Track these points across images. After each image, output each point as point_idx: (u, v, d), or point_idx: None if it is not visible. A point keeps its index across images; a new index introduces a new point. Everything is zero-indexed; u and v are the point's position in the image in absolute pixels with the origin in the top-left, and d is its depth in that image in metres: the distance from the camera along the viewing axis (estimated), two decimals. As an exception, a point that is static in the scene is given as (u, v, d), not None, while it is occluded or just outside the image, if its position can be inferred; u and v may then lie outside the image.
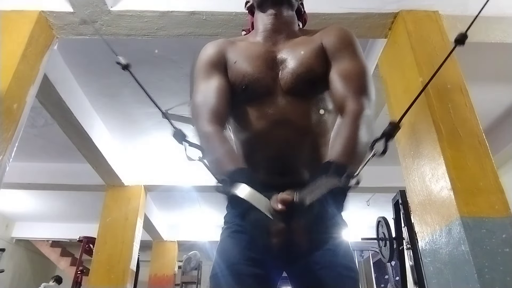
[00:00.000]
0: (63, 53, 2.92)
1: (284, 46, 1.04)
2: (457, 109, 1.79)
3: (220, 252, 0.95)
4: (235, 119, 1.04)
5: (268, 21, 1.07)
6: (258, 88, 0.98)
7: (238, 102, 1.01)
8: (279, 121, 0.96)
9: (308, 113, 0.98)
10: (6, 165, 1.90)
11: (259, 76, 0.98)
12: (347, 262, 0.92)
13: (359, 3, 2.17)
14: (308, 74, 0.97)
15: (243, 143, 1.01)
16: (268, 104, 0.97)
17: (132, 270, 4.29)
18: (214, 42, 1.09)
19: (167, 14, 2.17)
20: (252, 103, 0.99)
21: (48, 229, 7.48)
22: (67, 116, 3.16)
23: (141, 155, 4.60)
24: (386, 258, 3.72)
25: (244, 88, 0.98)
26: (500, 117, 3.86)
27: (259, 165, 0.97)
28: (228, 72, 1.02)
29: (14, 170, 3.07)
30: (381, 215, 3.97)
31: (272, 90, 0.98)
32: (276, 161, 0.96)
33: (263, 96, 0.98)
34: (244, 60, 1.01)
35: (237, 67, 1.01)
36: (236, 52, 1.05)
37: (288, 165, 0.96)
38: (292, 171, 0.96)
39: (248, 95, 0.99)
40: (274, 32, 1.06)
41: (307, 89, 0.99)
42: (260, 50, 1.04)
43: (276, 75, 0.99)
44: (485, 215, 1.52)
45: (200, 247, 7.41)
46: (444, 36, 2.05)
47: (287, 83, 0.97)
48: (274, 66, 1.00)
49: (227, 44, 1.07)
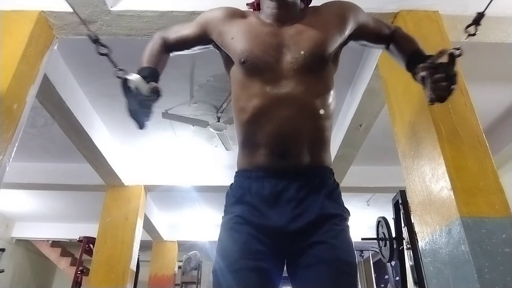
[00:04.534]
0: (63, 53, 2.92)
1: (291, 29, 1.05)
2: (457, 109, 1.79)
3: (222, 246, 0.95)
4: (237, 97, 1.05)
5: (274, 6, 1.08)
6: (258, 64, 0.99)
7: (240, 75, 1.03)
8: (283, 99, 0.96)
9: (314, 93, 0.99)
10: (6, 165, 1.90)
11: (258, 53, 1.00)
12: (346, 257, 0.91)
13: (359, 3, 2.16)
14: (321, 51, 1.01)
15: (244, 123, 1.01)
16: (271, 82, 0.98)
17: (132, 270, 4.29)
18: (222, 11, 1.14)
19: (167, 14, 2.17)
20: (254, 78, 1.00)
21: (48, 229, 7.47)
22: (67, 116, 3.16)
23: (141, 155, 4.61)
24: (386, 258, 3.72)
25: (243, 61, 1.00)
26: (500, 117, 3.86)
27: (260, 145, 0.98)
28: (224, 47, 1.09)
29: (14, 170, 3.07)
30: (381, 215, 3.97)
31: (275, 69, 0.99)
32: (277, 139, 0.96)
33: (265, 73, 0.99)
34: (243, 37, 1.04)
35: (234, 43, 1.05)
36: (237, 27, 1.07)
37: (289, 145, 0.96)
38: (293, 153, 0.96)
39: (248, 68, 1.01)
40: (280, 17, 1.08)
41: (318, 68, 1.01)
42: (264, 29, 1.06)
43: (280, 56, 1.00)
44: (485, 215, 1.52)
45: (200, 247, 7.41)
46: (444, 36, 2.05)
47: (298, 62, 0.99)
48: (278, 47, 1.02)
49: (232, 16, 1.11)
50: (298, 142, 0.96)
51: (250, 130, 1.00)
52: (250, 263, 0.89)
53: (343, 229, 0.95)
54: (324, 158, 1.02)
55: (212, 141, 4.32)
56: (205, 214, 6.63)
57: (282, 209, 0.94)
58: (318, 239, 0.91)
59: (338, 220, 0.96)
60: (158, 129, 4.00)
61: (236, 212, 0.97)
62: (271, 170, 0.96)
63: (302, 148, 0.97)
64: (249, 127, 1.00)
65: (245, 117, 1.00)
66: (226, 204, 1.03)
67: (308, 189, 0.96)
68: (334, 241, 0.91)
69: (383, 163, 4.46)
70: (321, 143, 1.01)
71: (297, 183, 0.95)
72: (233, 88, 1.08)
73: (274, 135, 0.96)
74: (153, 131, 4.04)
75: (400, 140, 2.04)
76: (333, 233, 0.92)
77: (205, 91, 3.46)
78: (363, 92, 2.89)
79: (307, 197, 0.95)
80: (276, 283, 0.93)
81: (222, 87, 3.36)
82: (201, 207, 6.40)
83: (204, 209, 6.47)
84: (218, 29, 1.10)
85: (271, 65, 0.99)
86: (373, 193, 5.58)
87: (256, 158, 0.98)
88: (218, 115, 3.71)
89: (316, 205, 0.94)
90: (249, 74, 1.01)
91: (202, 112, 3.77)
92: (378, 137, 3.70)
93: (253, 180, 0.98)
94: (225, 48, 1.09)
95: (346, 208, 1.01)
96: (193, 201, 6.10)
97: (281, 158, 0.96)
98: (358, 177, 4.52)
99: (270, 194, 0.95)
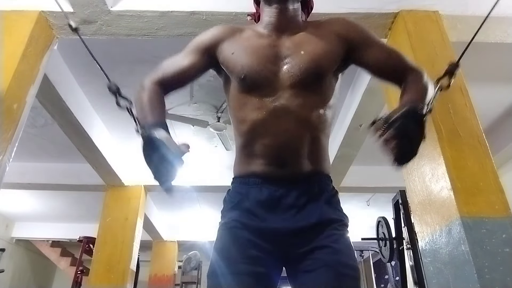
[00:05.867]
0: (63, 53, 2.92)
1: (289, 40, 1.05)
2: (457, 109, 1.79)
3: (218, 251, 0.94)
4: (236, 110, 1.04)
5: (273, 15, 1.07)
6: (257, 79, 0.99)
7: (238, 91, 1.03)
8: (280, 112, 0.96)
9: (310, 106, 0.99)
10: (6, 165, 1.90)
11: (257, 68, 0.99)
12: (348, 260, 0.91)
13: (359, 3, 2.18)
14: (316, 68, 0.99)
15: (243, 134, 1.01)
16: (269, 96, 0.97)
17: (132, 270, 4.29)
18: (219, 28, 1.11)
19: (167, 14, 2.17)
20: (253, 93, 0.99)
21: (48, 229, 7.47)
22: (67, 116, 3.16)
23: (141, 155, 4.60)
24: (386, 258, 3.72)
25: (243, 77, 1.00)
26: (500, 117, 3.86)
27: (258, 156, 0.98)
28: (223, 62, 1.06)
29: (14, 170, 3.08)
30: (381, 215, 3.97)
31: (273, 83, 0.98)
32: (275, 151, 0.96)
33: (263, 88, 0.98)
34: (243, 52, 1.03)
35: (234, 58, 1.03)
36: (236, 43, 1.06)
37: (287, 157, 0.96)
38: (290, 163, 0.96)
39: (247, 84, 1.00)
40: (279, 26, 1.07)
41: (313, 83, 1.00)
42: (262, 42, 1.05)
43: (277, 69, 1.00)
44: (485, 215, 1.52)
45: (200, 247, 7.40)
46: (444, 36, 2.05)
47: (294, 76, 0.98)
48: (276, 60, 1.01)
49: (230, 33, 1.09)
50: (295, 153, 0.97)
51: (248, 141, 1.00)
52: (246, 267, 0.88)
53: (343, 233, 0.95)
54: (322, 165, 1.02)
55: (212, 141, 4.32)
56: (205, 214, 6.62)
57: (281, 215, 0.93)
58: (319, 244, 0.91)
59: (338, 225, 0.95)
60: (158, 129, 3.99)
61: (233, 217, 0.96)
62: (269, 178, 0.97)
63: (300, 158, 0.97)
64: (247, 139, 1.00)
65: (244, 128, 1.00)
66: (223, 210, 1.03)
67: (308, 196, 0.96)
68: (336, 245, 0.91)
69: (383, 163, 4.40)
70: (319, 152, 1.01)
71: (296, 190, 0.95)
72: (231, 100, 1.07)
73: (272, 147, 0.96)
74: (153, 131, 4.03)
75: (400, 140, 2.04)
76: (334, 237, 0.92)
77: (205, 91, 3.46)
78: (363, 92, 2.89)
79: (307, 204, 0.95)
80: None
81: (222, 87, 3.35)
82: (201, 207, 6.40)
83: (204, 209, 6.47)
84: (220, 46, 1.08)
85: (269, 80, 0.98)
86: (373, 193, 5.57)
87: (254, 166, 0.99)
88: (218, 115, 3.71)
89: (316, 211, 0.94)
90: (248, 89, 1.00)
91: (202, 112, 3.77)
92: (378, 137, 3.69)
93: (251, 186, 0.98)
94: (225, 63, 1.06)
95: (345, 214, 1.01)
96: (193, 201, 6.10)
97: (279, 168, 0.96)
98: (358, 177, 4.52)
99: (268, 200, 0.95)
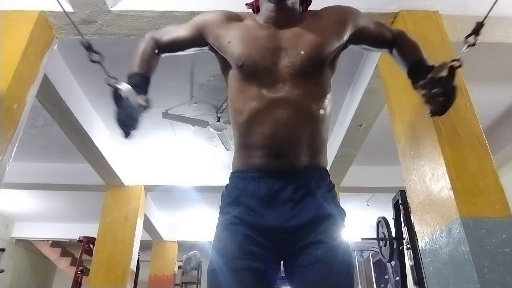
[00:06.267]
0: (63, 53, 2.92)
1: (289, 31, 1.05)
2: (457, 109, 1.78)
3: (217, 246, 0.95)
4: (234, 101, 1.05)
5: (272, 10, 1.08)
6: (256, 68, 0.99)
7: (237, 79, 1.03)
8: (280, 102, 0.97)
9: (310, 97, 1.00)
10: (6, 165, 1.90)
11: (256, 58, 1.00)
12: (343, 257, 0.92)
13: (359, 3, 2.16)
14: (318, 57, 1.02)
15: (240, 125, 1.01)
16: (268, 86, 0.98)
17: (132, 270, 4.29)
18: (220, 14, 1.13)
19: (167, 14, 2.17)
20: (252, 82, 1.00)
21: (48, 229, 7.47)
22: (67, 116, 3.16)
23: (141, 155, 4.60)
24: (386, 258, 3.72)
25: (241, 65, 1.00)
26: (500, 117, 3.86)
27: (256, 146, 0.98)
28: (220, 49, 1.09)
29: (14, 170, 3.07)
30: (381, 215, 3.97)
31: (273, 73, 0.99)
32: (273, 140, 0.96)
33: (262, 77, 0.99)
34: (240, 40, 1.04)
35: (231, 47, 1.04)
36: (234, 31, 1.07)
37: (285, 147, 0.96)
38: (289, 154, 0.96)
39: (246, 73, 1.01)
40: (278, 20, 1.07)
41: (314, 72, 1.01)
42: (261, 33, 1.05)
43: (277, 59, 1.00)
44: (485, 215, 1.52)
45: (200, 247, 7.40)
46: (444, 36, 2.05)
47: (294, 66, 0.99)
48: (276, 51, 1.02)
49: (228, 20, 1.10)
50: (294, 144, 0.97)
51: (246, 132, 1.00)
52: (245, 263, 0.89)
53: (339, 229, 0.96)
54: (320, 159, 1.02)
55: (212, 141, 4.32)
56: (205, 214, 6.62)
57: (279, 209, 0.94)
58: (315, 239, 0.91)
59: (335, 220, 0.96)
60: (158, 129, 4.00)
61: (231, 213, 0.97)
62: (266, 171, 0.97)
63: (298, 150, 0.97)
64: (245, 129, 1.00)
65: (241, 119, 1.00)
66: (221, 205, 1.03)
67: (305, 190, 0.96)
68: (331, 241, 0.91)
69: (383, 163, 4.46)
70: (317, 145, 1.01)
71: (293, 184, 0.96)
72: (230, 90, 1.08)
73: (270, 137, 0.96)
74: (153, 131, 4.04)
75: (400, 140, 2.04)
76: (330, 233, 0.93)
77: (205, 91, 3.46)
78: (363, 92, 2.89)
79: (303, 198, 0.95)
80: (272, 283, 0.93)
81: (222, 87, 3.35)
82: (201, 207, 6.40)
83: (204, 209, 6.47)
84: (215, 32, 1.10)
85: (268, 69, 0.99)
86: (373, 193, 5.57)
87: (252, 159, 0.99)
88: (218, 115, 3.71)
89: (312, 206, 0.95)
90: (246, 78, 1.01)
91: (202, 112, 3.77)
92: (378, 137, 3.70)
93: (248, 180, 0.98)
94: (222, 51, 1.08)
95: (342, 208, 1.01)
96: (193, 201, 6.10)
97: (276, 159, 0.96)
98: (358, 177, 4.53)
99: (266, 195, 0.95)
